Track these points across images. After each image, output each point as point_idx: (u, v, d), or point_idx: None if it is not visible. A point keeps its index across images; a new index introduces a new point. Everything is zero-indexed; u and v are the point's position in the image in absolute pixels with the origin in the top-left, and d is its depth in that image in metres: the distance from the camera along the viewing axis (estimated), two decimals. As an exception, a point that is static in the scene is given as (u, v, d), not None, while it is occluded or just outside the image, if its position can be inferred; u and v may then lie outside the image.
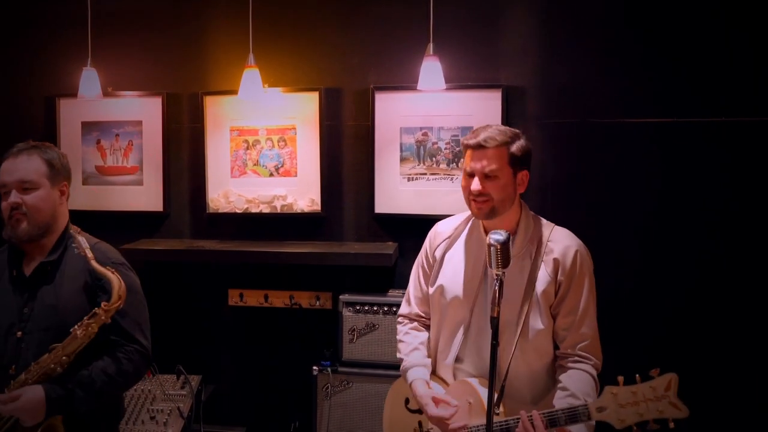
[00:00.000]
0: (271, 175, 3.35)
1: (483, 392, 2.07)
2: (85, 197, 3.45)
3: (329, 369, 2.97)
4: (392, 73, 3.21)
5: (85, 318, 2.06)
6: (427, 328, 2.35)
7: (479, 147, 2.09)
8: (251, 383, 3.40)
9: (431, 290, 2.28)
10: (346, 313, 3.02)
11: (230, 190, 3.37)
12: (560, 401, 2.00)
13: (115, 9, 3.41)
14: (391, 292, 3.12)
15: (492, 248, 1.82)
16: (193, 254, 3.14)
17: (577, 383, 2.03)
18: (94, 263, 2.08)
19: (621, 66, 3.05)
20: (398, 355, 2.33)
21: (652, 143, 3.03)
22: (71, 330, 2.05)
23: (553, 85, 3.11)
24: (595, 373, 2.08)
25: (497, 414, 2.02)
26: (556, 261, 2.11)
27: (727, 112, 2.96)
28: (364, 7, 3.24)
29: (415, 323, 2.37)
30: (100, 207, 3.45)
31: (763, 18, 2.92)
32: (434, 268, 2.30)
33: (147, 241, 3.40)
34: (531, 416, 1.93)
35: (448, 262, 2.27)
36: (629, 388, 1.82)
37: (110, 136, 3.45)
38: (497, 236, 1.83)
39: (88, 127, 3.47)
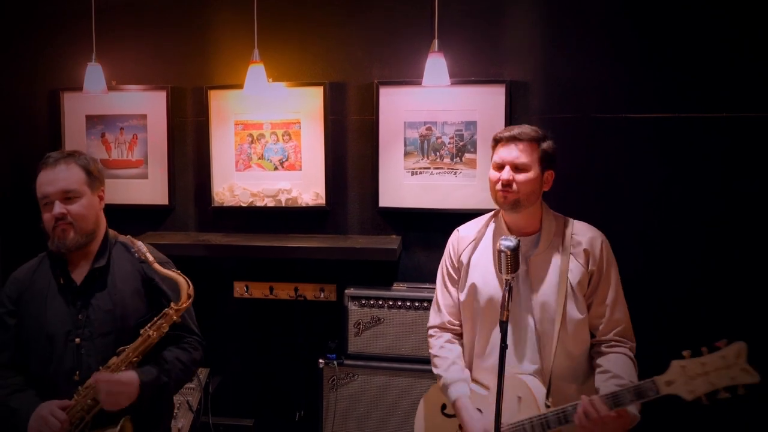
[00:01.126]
0: (276, 168, 3.37)
1: (534, 386, 2.13)
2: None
3: (335, 362, 3.01)
4: (396, 68, 3.22)
5: (155, 318, 2.13)
6: (460, 336, 2.38)
7: (513, 139, 2.18)
8: (257, 374, 3.45)
9: (462, 295, 2.31)
10: (352, 307, 3.05)
11: (235, 183, 3.39)
12: (604, 384, 2.07)
13: (119, 2, 3.41)
14: (396, 286, 3.15)
15: (502, 254, 1.86)
16: (200, 248, 3.16)
17: (618, 366, 2.11)
18: (157, 266, 2.15)
19: (623, 61, 3.07)
20: (435, 371, 2.34)
21: (653, 138, 3.05)
22: (141, 331, 2.12)
23: (556, 80, 3.12)
24: (632, 354, 2.16)
25: (548, 406, 2.09)
26: (586, 252, 2.19)
27: (729, 107, 2.99)
28: (369, 2, 3.24)
29: (449, 335, 2.38)
30: (105, 200, 3.45)
31: (763, 13, 2.93)
32: (462, 272, 2.33)
33: (153, 235, 3.42)
34: (591, 399, 1.95)
35: (475, 264, 2.30)
36: (698, 359, 1.85)
37: (115, 130, 3.46)
38: (508, 242, 1.87)
39: (92, 120, 3.48)
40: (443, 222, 3.21)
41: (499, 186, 2.16)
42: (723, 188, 3.01)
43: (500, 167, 2.18)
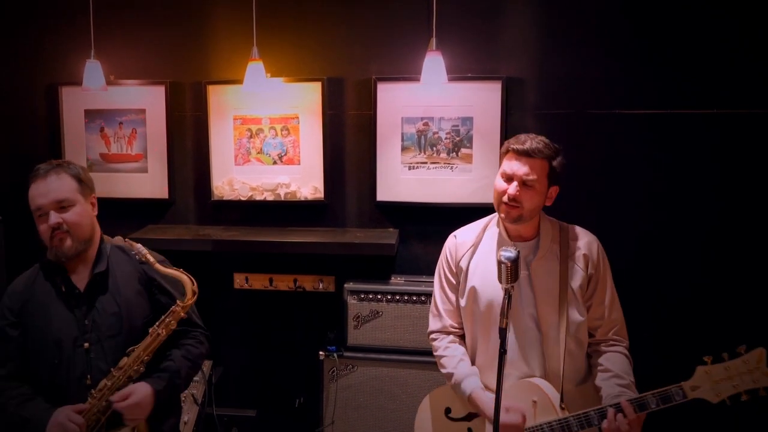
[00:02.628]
0: (275, 163, 3.41)
1: (549, 390, 2.19)
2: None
3: (335, 354, 3.09)
4: (394, 64, 3.25)
5: (163, 316, 2.20)
6: (461, 338, 2.43)
7: (525, 154, 2.17)
8: (258, 365, 3.53)
9: (462, 300, 2.35)
10: (351, 300, 3.13)
11: (234, 177, 3.43)
12: (605, 383, 2.16)
13: (118, -3, 3.41)
14: (394, 278, 3.23)
15: (503, 265, 1.91)
16: (200, 243, 3.21)
17: (617, 365, 2.19)
18: (159, 266, 2.22)
19: (617, 58, 3.11)
20: (444, 370, 2.37)
21: (646, 133, 3.11)
22: (150, 330, 2.18)
23: (551, 76, 3.17)
24: (628, 353, 2.24)
25: (563, 408, 2.16)
26: (585, 256, 2.24)
27: (720, 104, 3.04)
28: (367, -1, 3.27)
29: (451, 336, 2.42)
30: (105, 194, 3.45)
31: (757, 11, 2.98)
32: (461, 277, 2.36)
33: (153, 228, 3.47)
34: (619, 404, 2.01)
35: (474, 269, 2.34)
36: (721, 365, 1.96)
37: (114, 124, 3.48)
38: (508, 254, 1.92)
39: (91, 115, 3.49)
40: (439, 215, 3.30)
41: (505, 198, 2.18)
42: (714, 181, 3.08)
43: (509, 179, 2.19)
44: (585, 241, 2.28)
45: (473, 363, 2.37)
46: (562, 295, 2.21)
